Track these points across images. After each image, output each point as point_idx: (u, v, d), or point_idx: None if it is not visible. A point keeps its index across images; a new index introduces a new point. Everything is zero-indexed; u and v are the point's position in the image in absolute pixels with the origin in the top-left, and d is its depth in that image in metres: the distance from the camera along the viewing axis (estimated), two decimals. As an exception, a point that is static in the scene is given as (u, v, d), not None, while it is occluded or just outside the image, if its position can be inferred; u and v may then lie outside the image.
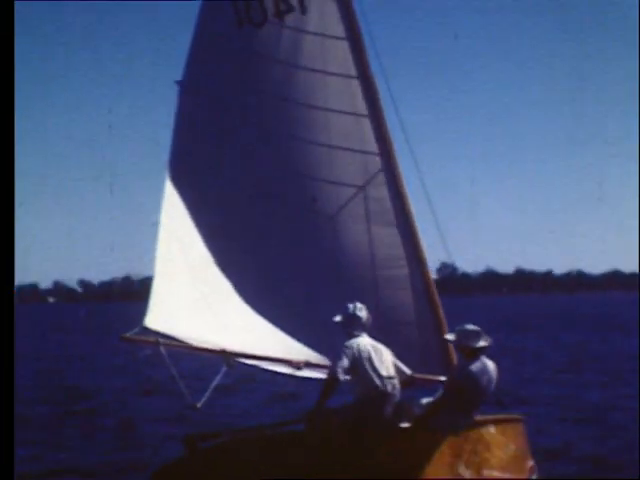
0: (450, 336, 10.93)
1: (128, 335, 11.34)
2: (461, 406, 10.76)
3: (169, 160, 12.27)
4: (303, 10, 12.27)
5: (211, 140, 12.41)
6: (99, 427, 18.41)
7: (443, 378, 11.41)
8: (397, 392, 10.89)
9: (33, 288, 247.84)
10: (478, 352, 10.77)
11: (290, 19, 12.28)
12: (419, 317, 11.89)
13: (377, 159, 12.09)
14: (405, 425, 10.77)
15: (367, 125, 12.15)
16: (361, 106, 12.16)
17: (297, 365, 11.69)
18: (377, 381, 10.70)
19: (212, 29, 12.49)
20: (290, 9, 12.27)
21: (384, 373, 10.78)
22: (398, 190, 12.02)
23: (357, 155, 12.15)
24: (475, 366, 10.72)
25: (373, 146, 12.11)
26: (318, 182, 12.24)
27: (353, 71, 12.19)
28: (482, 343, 10.73)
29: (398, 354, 11.23)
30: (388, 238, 12.02)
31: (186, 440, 11.11)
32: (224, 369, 11.31)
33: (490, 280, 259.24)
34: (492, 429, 10.91)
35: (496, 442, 10.93)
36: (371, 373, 10.71)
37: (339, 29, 12.23)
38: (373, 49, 12.23)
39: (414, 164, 12.24)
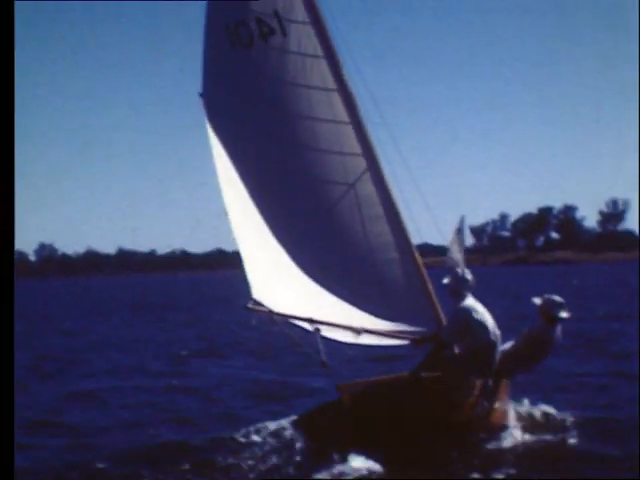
0: (537, 300, 13.16)
1: (250, 306, 13.73)
2: (530, 360, 13.23)
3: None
4: (284, 33, 14.01)
5: (235, 143, 14.23)
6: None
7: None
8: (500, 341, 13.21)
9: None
10: (559, 321, 13.09)
11: (274, 41, 14.00)
12: (412, 290, 14.03)
13: (362, 159, 14.06)
14: None
15: (349, 130, 14.07)
16: (342, 114, 14.08)
17: (357, 331, 13.70)
18: (489, 335, 13.01)
19: (214, 48, 14.16)
20: (272, 32, 13.98)
21: (493, 326, 13.11)
22: (382, 186, 14.06)
23: (343, 157, 14.07)
24: (557, 332, 13.15)
25: (356, 148, 14.08)
26: (315, 181, 14.11)
27: (332, 84, 14.06)
28: (565, 315, 13.02)
29: (398, 319, 13.97)
30: (379, 227, 14.07)
31: (339, 387, 12.90)
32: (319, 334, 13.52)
33: (91, 260, 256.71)
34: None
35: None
36: (483, 329, 13.01)
37: (317, 48, 14.06)
38: (352, 62, 14.14)
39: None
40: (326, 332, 13.75)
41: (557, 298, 13.11)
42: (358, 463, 11.97)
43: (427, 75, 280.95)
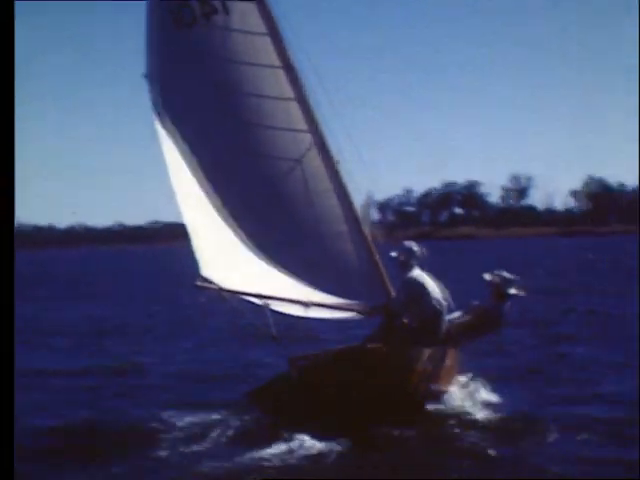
0: (488, 276, 13.61)
1: (199, 283, 13.93)
2: (478, 332, 13.54)
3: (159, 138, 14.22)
4: (226, 11, 14.10)
5: (182, 122, 14.30)
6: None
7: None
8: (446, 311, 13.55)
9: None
10: (509, 297, 13.55)
11: (217, 19, 14.08)
12: (361, 262, 14.34)
13: (308, 135, 14.25)
14: None
15: (295, 107, 14.26)
16: (287, 91, 14.25)
17: (306, 304, 14.01)
18: (436, 304, 13.38)
19: (156, 29, 14.19)
20: (215, 11, 14.07)
21: (439, 296, 13.43)
22: (329, 161, 14.29)
23: (290, 133, 14.25)
24: (507, 306, 13.65)
25: (302, 125, 14.26)
26: (262, 158, 14.27)
27: (277, 62, 14.21)
28: (514, 291, 13.52)
29: (347, 292, 14.17)
30: (326, 201, 14.30)
31: (290, 360, 13.09)
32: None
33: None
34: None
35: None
36: (430, 298, 13.38)
37: (260, 26, 14.20)
38: (296, 40, 14.29)
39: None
40: (276, 306, 13.97)
41: (507, 275, 13.62)
42: (309, 436, 12.18)
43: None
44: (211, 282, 13.95)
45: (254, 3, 14.17)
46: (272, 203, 14.29)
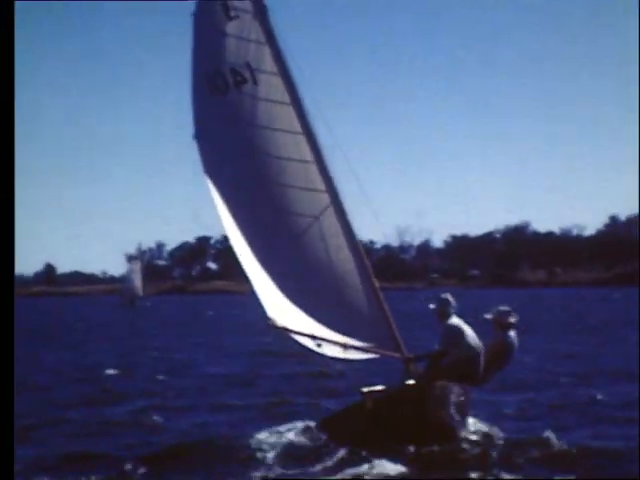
0: (488, 315, 15.40)
1: (270, 323, 15.50)
2: (496, 365, 15.31)
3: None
4: (255, 82, 15.79)
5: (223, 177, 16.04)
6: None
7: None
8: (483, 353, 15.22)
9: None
10: (511, 326, 15.32)
11: (246, 89, 15.77)
12: (371, 311, 16.00)
13: (325, 195, 15.94)
14: None
15: (314, 168, 15.95)
16: (307, 154, 15.94)
17: (344, 345, 15.51)
18: (476, 347, 15.03)
19: (197, 95, 15.95)
20: (244, 81, 15.75)
21: (476, 340, 15.13)
22: (343, 218, 15.99)
23: (309, 192, 15.91)
24: (511, 335, 15.36)
25: (320, 185, 15.95)
26: (284, 214, 15.92)
27: (298, 128, 15.93)
28: (513, 319, 15.32)
29: (359, 337, 15.86)
30: (341, 254, 15.97)
31: (363, 393, 14.65)
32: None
33: None
34: None
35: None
36: (470, 341, 15.02)
37: (284, 96, 15.92)
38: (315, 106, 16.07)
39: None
40: (324, 348, 15.59)
41: (504, 307, 15.52)
42: (377, 464, 13.49)
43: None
44: (276, 322, 15.49)
45: (279, 76, 15.85)
46: (295, 257, 15.90)
